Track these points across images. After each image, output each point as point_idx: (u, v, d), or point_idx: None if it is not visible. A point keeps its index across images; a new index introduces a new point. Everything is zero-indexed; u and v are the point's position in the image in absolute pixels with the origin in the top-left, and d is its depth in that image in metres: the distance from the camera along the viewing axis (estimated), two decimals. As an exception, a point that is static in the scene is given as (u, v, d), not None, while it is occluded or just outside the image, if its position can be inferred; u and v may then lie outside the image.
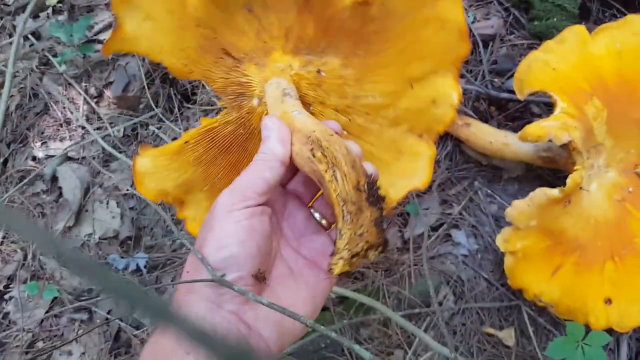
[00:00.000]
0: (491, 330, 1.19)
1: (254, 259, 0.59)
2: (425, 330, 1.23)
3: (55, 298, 1.54)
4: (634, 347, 1.16)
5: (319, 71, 0.81)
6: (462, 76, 1.29)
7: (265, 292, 0.62)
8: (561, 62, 1.08)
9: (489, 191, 1.28)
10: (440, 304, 1.24)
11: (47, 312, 1.55)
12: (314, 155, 0.63)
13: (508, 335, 1.18)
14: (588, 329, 1.06)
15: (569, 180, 0.99)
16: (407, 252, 1.30)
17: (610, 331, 1.11)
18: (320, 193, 0.72)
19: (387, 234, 1.33)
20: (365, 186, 0.62)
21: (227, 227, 0.59)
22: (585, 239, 1.10)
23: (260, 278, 0.60)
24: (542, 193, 1.01)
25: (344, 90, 0.83)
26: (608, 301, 1.09)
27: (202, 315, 0.57)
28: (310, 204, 0.73)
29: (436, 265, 1.28)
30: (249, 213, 0.60)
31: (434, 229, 1.30)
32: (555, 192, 1.00)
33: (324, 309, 1.30)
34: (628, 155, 1.13)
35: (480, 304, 1.21)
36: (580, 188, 1.06)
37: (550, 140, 1.02)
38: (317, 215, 0.70)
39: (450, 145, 1.32)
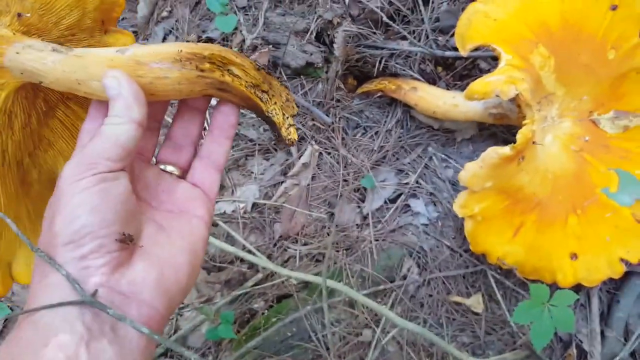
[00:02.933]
0: (458, 299, 1.15)
1: (112, 225, 0.53)
2: (392, 306, 1.18)
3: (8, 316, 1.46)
4: (605, 300, 1.13)
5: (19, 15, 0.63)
6: (404, 38, 1.22)
7: (138, 254, 0.56)
8: (502, 12, 1.02)
9: (443, 156, 1.22)
10: (405, 277, 1.19)
11: (1, 331, 1.46)
12: (202, 70, 0.58)
13: (476, 302, 1.14)
14: (555, 288, 1.03)
15: (519, 136, 0.94)
16: (367, 228, 1.25)
17: (579, 286, 1.08)
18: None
19: (344, 209, 1.28)
20: (256, 63, 0.63)
21: (76, 197, 0.52)
22: (544, 194, 1.06)
23: (127, 240, 0.55)
24: (494, 152, 0.96)
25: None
26: (574, 256, 1.05)
27: (66, 297, 0.51)
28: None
29: (397, 237, 1.23)
30: (99, 178, 0.54)
31: (392, 200, 1.24)
32: (506, 149, 0.95)
33: (287, 295, 1.25)
34: (581, 102, 1.08)
35: (445, 273, 1.17)
36: (533, 142, 1.01)
37: (497, 96, 0.96)
38: (168, 168, 0.66)
39: (400, 112, 1.26)
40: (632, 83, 1.07)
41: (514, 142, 0.95)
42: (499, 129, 1.19)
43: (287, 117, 0.66)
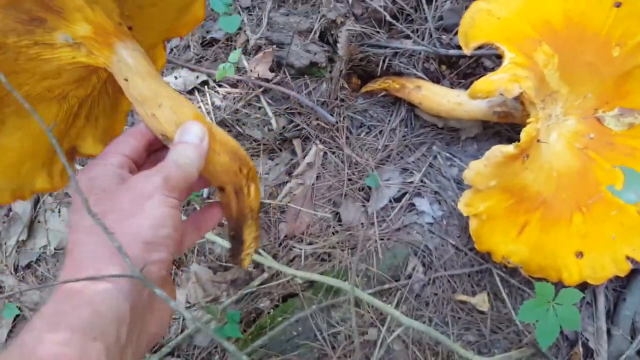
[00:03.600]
0: (464, 297, 1.15)
1: (178, 246, 0.64)
2: (397, 305, 1.18)
3: (18, 316, 1.47)
4: (611, 299, 1.12)
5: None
6: (407, 37, 1.22)
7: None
8: (505, 10, 1.02)
9: (448, 154, 1.22)
10: (410, 276, 1.19)
11: (10, 331, 1.48)
12: (241, 171, 0.70)
13: (482, 301, 1.14)
14: (560, 286, 1.03)
15: (523, 134, 0.94)
16: (372, 227, 1.25)
17: (585, 284, 1.07)
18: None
19: (349, 208, 1.28)
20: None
21: (162, 209, 0.61)
22: (548, 193, 1.05)
23: (177, 264, 0.64)
24: (498, 151, 0.96)
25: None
26: (579, 254, 1.05)
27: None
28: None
29: (402, 236, 1.23)
30: (177, 204, 0.63)
31: (397, 199, 1.24)
32: (510, 148, 0.95)
33: (293, 295, 1.26)
34: (585, 100, 1.08)
35: (450, 272, 1.17)
36: (538, 141, 1.01)
37: (501, 94, 0.96)
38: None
39: (404, 111, 1.26)
40: (636, 80, 1.07)
41: (518, 141, 0.95)
42: (504, 127, 1.19)
43: (251, 246, 0.77)
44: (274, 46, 1.32)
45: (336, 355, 1.19)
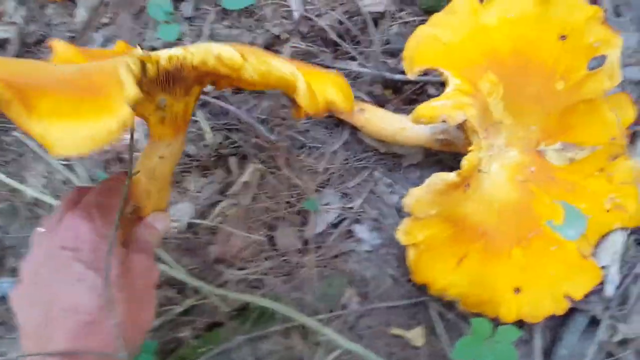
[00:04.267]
0: (399, 332, 1.09)
1: None
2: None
3: None
4: (547, 338, 1.09)
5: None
6: (353, 58, 1.19)
7: None
8: (451, 36, 0.99)
9: (389, 180, 1.18)
10: (345, 307, 1.13)
11: None
12: None
13: (417, 336, 1.09)
14: (498, 322, 0.99)
15: (464, 162, 0.90)
16: (308, 253, 1.18)
17: (522, 322, 1.04)
18: None
19: (285, 233, 1.21)
20: None
21: None
22: (489, 224, 1.02)
23: None
24: (438, 179, 0.92)
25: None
26: (517, 290, 1.02)
27: None
28: None
29: (339, 264, 1.17)
30: None
31: (335, 225, 1.19)
32: (451, 176, 0.91)
33: (218, 324, 1.16)
34: (529, 132, 1.07)
35: (387, 304, 1.11)
36: (479, 170, 0.98)
37: (444, 121, 0.93)
38: None
39: (347, 133, 1.21)
40: (580, 115, 1.07)
41: (460, 169, 0.92)
42: (446, 155, 1.16)
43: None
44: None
45: (261, 390, 1.10)
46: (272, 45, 1.20)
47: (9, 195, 1.33)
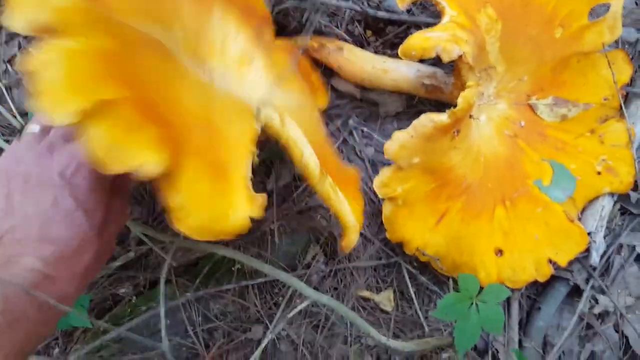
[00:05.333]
0: (367, 294, 0.99)
1: None
2: (291, 298, 1.00)
3: None
4: (524, 306, 1.01)
5: None
6: (333, -10, 1.06)
7: None
8: (449, -38, 0.88)
9: (365, 130, 1.07)
10: (309, 266, 1.01)
11: None
12: None
13: (386, 299, 0.98)
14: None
15: (460, 100, 0.79)
16: (270, 207, 1.06)
17: (499, 288, 0.95)
18: None
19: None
20: None
21: None
22: (474, 178, 0.93)
23: None
24: (428, 119, 0.81)
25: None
26: (499, 252, 0.93)
27: None
28: None
29: (304, 220, 1.05)
30: None
31: (302, 177, 1.06)
32: (443, 117, 0.80)
33: (166, 281, 1.02)
34: (520, 83, 0.98)
35: (355, 264, 1.01)
36: (471, 116, 0.88)
37: (437, 56, 0.82)
38: None
39: (323, 75, 1.09)
40: (573, 71, 0.99)
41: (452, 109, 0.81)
42: (427, 107, 1.06)
43: None
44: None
45: (209, 355, 0.98)
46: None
47: None
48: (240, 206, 0.59)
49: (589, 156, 0.98)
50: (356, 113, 1.08)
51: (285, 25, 1.07)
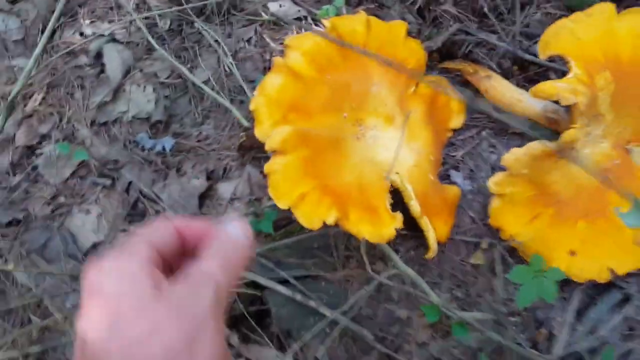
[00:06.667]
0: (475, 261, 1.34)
1: None
2: (407, 251, 1.38)
3: (83, 162, 1.68)
4: (584, 299, 1.31)
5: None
6: (494, 32, 1.39)
7: None
8: (585, 33, 1.19)
9: (493, 141, 1.40)
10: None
11: (73, 172, 1.69)
12: None
13: (478, 259, 1.33)
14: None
15: (564, 135, 1.12)
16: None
17: (566, 283, 1.26)
18: None
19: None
20: None
21: (216, 348, 0.47)
22: (566, 195, 1.24)
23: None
24: (538, 144, 1.14)
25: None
26: (572, 253, 1.23)
27: None
28: None
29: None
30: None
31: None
32: (550, 144, 1.13)
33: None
34: (624, 131, 1.25)
35: (461, 237, 1.36)
36: (572, 148, 1.19)
37: (557, 101, 1.14)
38: None
39: (470, 95, 1.43)
40: (672, 130, 1.24)
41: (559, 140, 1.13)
42: (548, 132, 1.36)
43: None
44: (375, 5, 1.50)
45: (343, 272, 1.40)
46: (429, 4, 1.42)
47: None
48: (389, 223, 1.17)
49: (667, 199, 1.24)
50: (489, 127, 1.42)
51: (451, 53, 1.42)
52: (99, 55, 1.81)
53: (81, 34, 1.89)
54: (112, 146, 1.68)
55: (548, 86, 1.14)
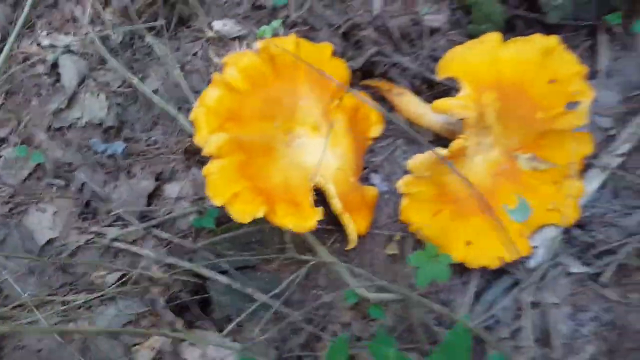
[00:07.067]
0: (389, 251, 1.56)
1: None
2: (333, 244, 1.58)
3: (39, 164, 1.81)
4: (481, 284, 1.54)
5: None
6: (407, 54, 1.62)
7: None
8: (475, 58, 1.42)
9: (405, 149, 1.62)
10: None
11: (30, 174, 1.83)
12: None
13: (392, 249, 1.55)
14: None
15: (452, 144, 1.34)
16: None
17: (464, 268, 1.49)
18: None
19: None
20: None
21: None
22: (462, 194, 1.46)
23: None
24: (435, 150, 1.36)
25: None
26: (468, 243, 1.46)
27: None
28: None
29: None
30: None
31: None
32: (443, 151, 1.35)
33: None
34: (510, 141, 1.49)
35: (378, 231, 1.57)
36: (464, 155, 1.42)
37: (451, 115, 1.36)
38: None
39: (386, 109, 1.65)
40: (550, 140, 1.48)
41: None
42: (448, 142, 1.58)
43: None
44: (307, 27, 1.70)
45: (277, 263, 1.59)
46: (353, 29, 1.63)
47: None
48: (311, 216, 1.35)
49: (546, 198, 1.48)
50: (403, 137, 1.64)
51: (371, 72, 1.64)
52: (55, 65, 1.95)
53: (38, 44, 2.02)
54: (67, 150, 1.82)
55: (443, 103, 1.36)
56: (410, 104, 1.56)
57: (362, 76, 1.66)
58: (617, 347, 1.54)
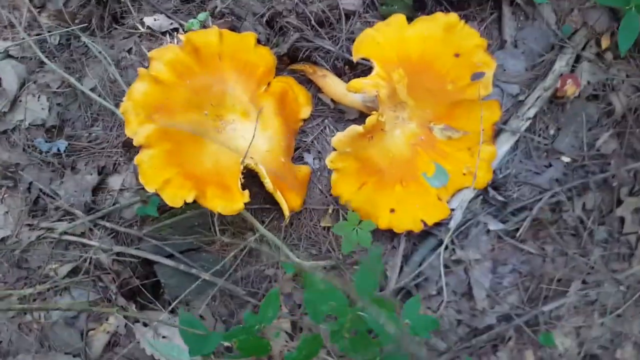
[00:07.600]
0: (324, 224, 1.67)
1: None
2: (271, 221, 1.69)
3: (-16, 166, 1.87)
4: (409, 248, 1.66)
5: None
6: (327, 39, 1.71)
7: None
8: (383, 39, 1.52)
9: (332, 127, 1.73)
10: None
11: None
12: None
13: (327, 222, 1.66)
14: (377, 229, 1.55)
15: (367, 120, 1.45)
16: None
17: (394, 234, 1.61)
18: None
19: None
20: None
21: None
22: (384, 166, 1.58)
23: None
24: (352, 128, 1.47)
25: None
26: (392, 210, 1.58)
27: None
28: None
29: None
30: None
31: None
32: (359, 128, 1.46)
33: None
34: (425, 113, 1.61)
35: (313, 206, 1.68)
36: (382, 129, 1.53)
37: (364, 93, 1.47)
38: None
39: (312, 90, 1.75)
40: (462, 110, 1.60)
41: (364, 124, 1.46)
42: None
43: None
44: (234, 17, 1.78)
45: (218, 244, 1.69)
46: (275, 17, 1.72)
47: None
48: (239, 199, 1.42)
49: (461, 163, 1.60)
50: (331, 116, 1.74)
51: (296, 57, 1.73)
52: (-6, 70, 1.99)
53: (-23, 51, 2.06)
54: (13, 151, 1.88)
55: (357, 83, 1.46)
56: (333, 84, 1.66)
57: (289, 61, 1.75)
58: (536, 296, 1.69)
